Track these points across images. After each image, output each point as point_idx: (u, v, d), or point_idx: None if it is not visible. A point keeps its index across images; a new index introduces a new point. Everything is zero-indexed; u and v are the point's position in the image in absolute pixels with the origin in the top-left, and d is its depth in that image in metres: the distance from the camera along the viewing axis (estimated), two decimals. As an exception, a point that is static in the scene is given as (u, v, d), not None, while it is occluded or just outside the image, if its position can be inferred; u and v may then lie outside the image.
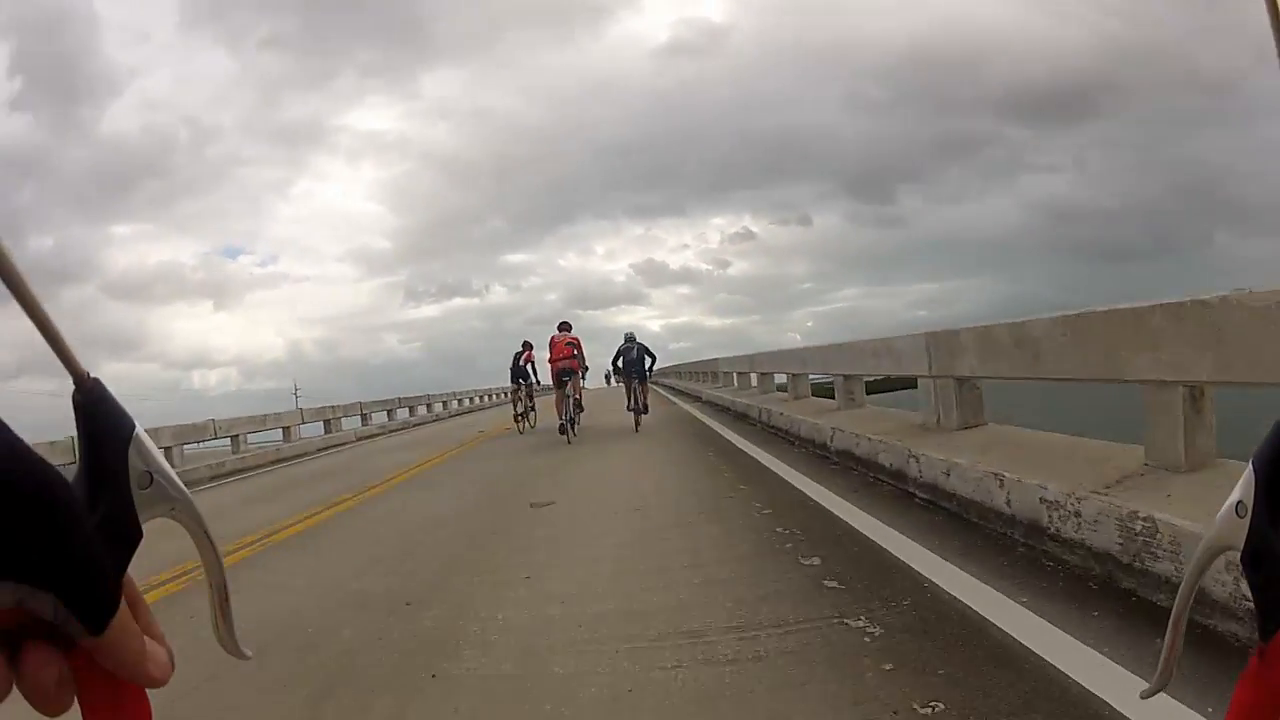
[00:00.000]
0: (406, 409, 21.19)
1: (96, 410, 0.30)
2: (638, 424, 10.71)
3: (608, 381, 28.10)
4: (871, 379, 7.05)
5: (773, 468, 5.81)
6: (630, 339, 11.52)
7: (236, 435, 12.64)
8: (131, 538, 0.30)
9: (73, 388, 0.30)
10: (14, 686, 0.27)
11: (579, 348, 10.75)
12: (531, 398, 12.83)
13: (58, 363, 0.29)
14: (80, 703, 0.29)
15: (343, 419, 16.99)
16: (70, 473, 0.29)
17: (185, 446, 11.58)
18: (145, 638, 0.31)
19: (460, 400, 27.86)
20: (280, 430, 14.26)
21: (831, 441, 6.08)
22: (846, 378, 7.26)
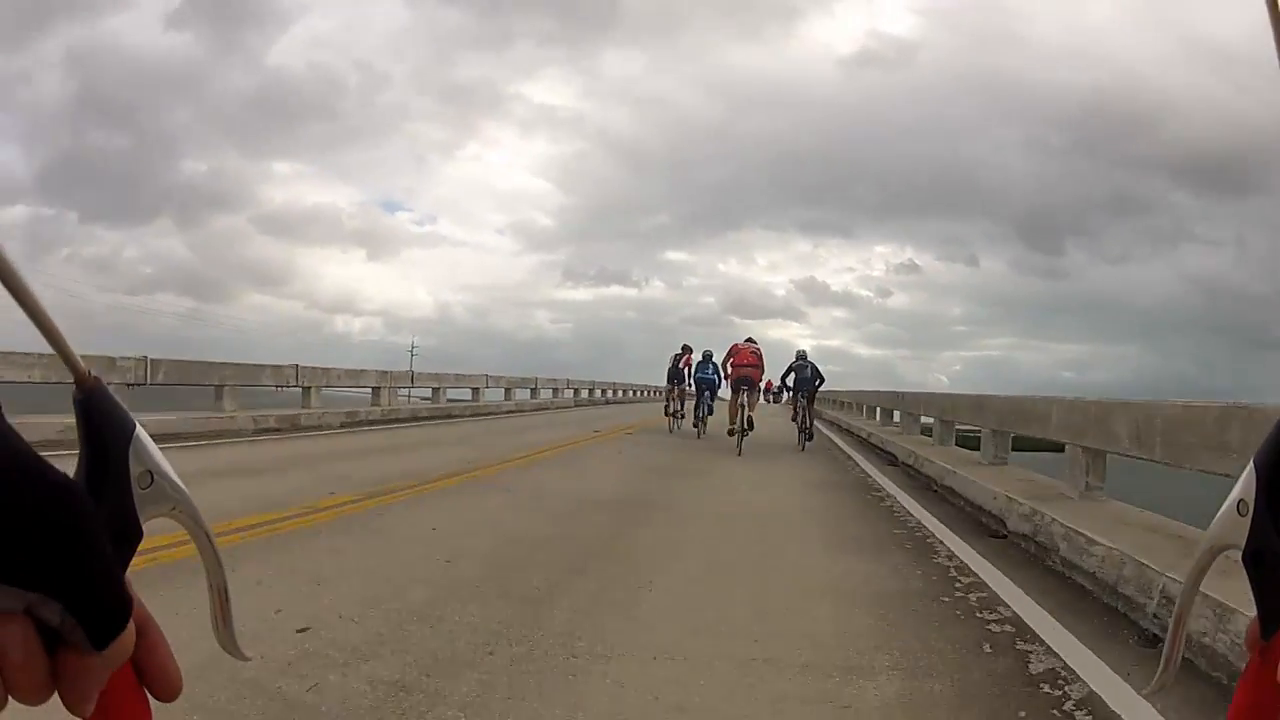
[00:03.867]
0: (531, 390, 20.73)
1: (97, 409, 0.30)
2: (804, 444, 10.14)
3: (766, 399, 26.38)
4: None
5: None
6: (803, 356, 10.93)
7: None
8: (132, 537, 0.30)
9: (74, 387, 0.30)
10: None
11: (762, 359, 10.48)
12: (684, 400, 12.97)
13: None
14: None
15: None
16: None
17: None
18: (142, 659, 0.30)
19: (616, 391, 28.72)
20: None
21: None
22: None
